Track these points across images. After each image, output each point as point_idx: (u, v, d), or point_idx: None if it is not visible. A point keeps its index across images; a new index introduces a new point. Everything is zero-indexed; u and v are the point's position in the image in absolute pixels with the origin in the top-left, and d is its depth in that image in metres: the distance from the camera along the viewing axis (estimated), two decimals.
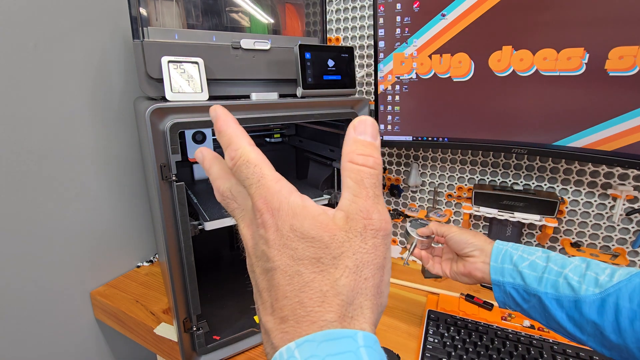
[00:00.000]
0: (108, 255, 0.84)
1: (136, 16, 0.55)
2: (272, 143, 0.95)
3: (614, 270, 0.41)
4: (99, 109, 0.77)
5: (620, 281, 0.39)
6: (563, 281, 0.43)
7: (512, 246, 0.50)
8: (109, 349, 0.87)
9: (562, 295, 0.42)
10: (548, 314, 0.44)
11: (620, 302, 0.38)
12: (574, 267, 0.44)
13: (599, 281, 0.40)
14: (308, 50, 0.62)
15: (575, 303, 0.41)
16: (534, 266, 0.46)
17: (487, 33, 0.68)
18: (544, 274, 0.45)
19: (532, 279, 0.45)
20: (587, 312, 0.40)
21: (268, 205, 0.19)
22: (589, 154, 0.66)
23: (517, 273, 0.47)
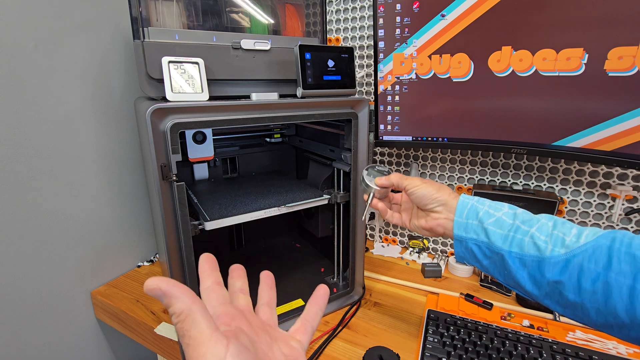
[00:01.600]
0: (109, 255, 0.85)
1: (136, 16, 0.55)
2: (272, 143, 0.95)
3: (580, 231, 0.41)
4: (99, 109, 0.77)
5: (587, 242, 0.39)
6: (529, 240, 0.42)
7: (478, 200, 0.49)
8: (110, 348, 0.87)
9: (526, 254, 0.42)
10: (508, 272, 0.43)
11: (584, 263, 0.38)
12: (541, 226, 0.43)
13: (566, 242, 0.40)
14: (308, 51, 0.62)
15: (538, 263, 0.41)
16: (501, 223, 0.45)
17: (487, 33, 0.69)
18: (510, 232, 0.43)
19: (498, 237, 0.44)
20: (548, 272, 0.40)
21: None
22: (588, 154, 0.66)
23: (482, 230, 0.45)
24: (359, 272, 0.78)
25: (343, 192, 0.72)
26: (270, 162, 0.97)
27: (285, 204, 0.67)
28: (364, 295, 0.79)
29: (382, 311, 0.74)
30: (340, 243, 0.79)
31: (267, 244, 1.02)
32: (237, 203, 0.68)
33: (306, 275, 0.85)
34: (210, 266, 0.32)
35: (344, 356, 0.63)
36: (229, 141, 0.91)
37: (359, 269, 0.77)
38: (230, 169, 0.92)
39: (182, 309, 0.21)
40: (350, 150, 0.68)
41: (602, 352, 0.59)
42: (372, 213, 1.03)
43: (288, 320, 0.70)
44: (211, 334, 0.21)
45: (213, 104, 0.54)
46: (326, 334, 0.67)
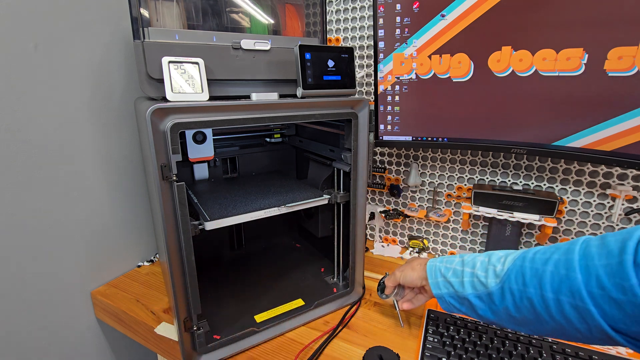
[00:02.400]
0: (109, 255, 0.85)
1: (137, 17, 0.55)
2: (272, 143, 0.95)
3: (506, 257, 0.47)
4: (99, 109, 0.77)
5: (509, 268, 0.45)
6: (476, 280, 0.49)
7: (439, 260, 0.57)
8: (110, 348, 0.87)
9: (479, 292, 0.48)
10: (476, 311, 0.49)
11: (512, 285, 0.44)
12: (480, 264, 0.50)
13: (496, 272, 0.47)
14: (308, 51, 0.62)
15: (489, 296, 0.47)
16: (455, 273, 0.53)
17: (487, 33, 0.69)
18: (463, 278, 0.51)
19: (458, 285, 0.51)
20: (497, 301, 0.46)
21: None
22: (588, 154, 0.66)
23: (447, 283, 0.53)
24: (359, 272, 0.78)
25: (343, 192, 0.72)
26: (270, 162, 0.97)
27: (285, 204, 0.67)
28: (364, 295, 0.79)
29: (382, 311, 0.75)
30: (340, 243, 0.79)
31: (267, 244, 1.02)
32: (237, 203, 0.68)
33: (306, 275, 0.86)
34: None
35: (344, 356, 0.63)
36: (229, 141, 0.91)
37: (359, 269, 0.77)
38: (230, 169, 0.92)
39: None
40: (350, 150, 0.68)
41: (602, 352, 0.59)
42: (371, 213, 1.03)
43: (288, 320, 0.70)
44: None
45: (213, 104, 0.54)
46: (326, 334, 0.68)
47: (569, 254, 0.40)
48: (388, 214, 0.99)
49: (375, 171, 1.02)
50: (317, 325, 0.71)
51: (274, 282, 0.82)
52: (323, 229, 0.88)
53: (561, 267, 0.40)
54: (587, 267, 0.38)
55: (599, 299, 0.36)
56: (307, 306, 0.72)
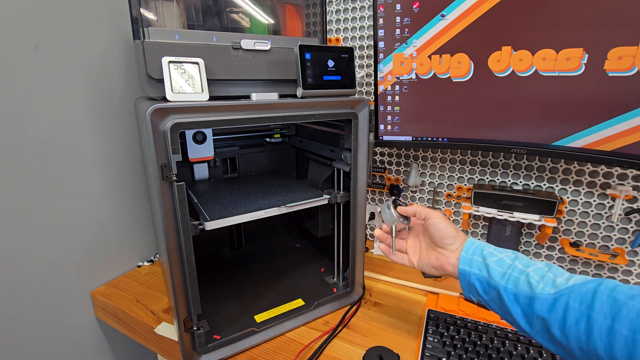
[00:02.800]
0: (109, 255, 0.85)
1: (137, 17, 0.55)
2: (272, 143, 0.95)
3: (571, 276, 0.43)
4: (99, 109, 0.77)
5: (575, 284, 0.41)
6: (524, 279, 0.45)
7: (485, 243, 0.52)
8: (110, 348, 0.87)
9: (519, 291, 0.44)
10: (505, 307, 0.46)
11: (570, 302, 0.40)
12: (537, 269, 0.46)
13: (556, 282, 0.43)
14: (308, 51, 0.62)
15: (530, 300, 0.43)
16: (501, 262, 0.48)
17: (487, 33, 0.69)
18: (508, 270, 0.47)
19: (497, 273, 0.47)
20: (538, 309, 0.42)
21: None
22: (588, 154, 0.66)
23: (484, 266, 0.49)
24: (359, 272, 0.78)
25: (343, 192, 0.72)
26: (270, 162, 0.97)
27: (285, 204, 0.67)
28: (364, 295, 0.79)
29: (382, 311, 0.75)
30: (340, 243, 0.79)
31: (267, 244, 1.02)
32: (237, 203, 0.68)
33: (306, 275, 0.86)
34: None
35: (344, 356, 0.63)
36: (229, 141, 0.91)
37: (359, 269, 0.77)
38: (230, 169, 0.92)
39: None
40: (350, 150, 0.68)
41: None
42: (371, 213, 1.03)
43: (288, 320, 0.70)
44: None
45: (213, 104, 0.54)
46: (326, 334, 0.68)
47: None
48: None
49: (375, 171, 1.02)
50: (317, 325, 0.71)
51: (274, 282, 0.82)
52: (323, 229, 0.88)
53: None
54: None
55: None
56: (307, 306, 0.72)
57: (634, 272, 0.76)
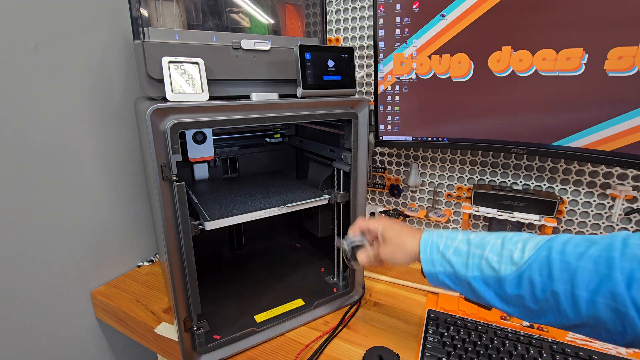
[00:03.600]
0: (109, 255, 0.85)
1: (137, 17, 0.55)
2: (272, 143, 0.95)
3: (525, 244, 0.44)
4: (99, 109, 0.77)
5: (530, 256, 0.42)
6: (485, 263, 0.45)
7: (437, 235, 0.52)
8: (110, 348, 0.87)
9: (486, 276, 0.45)
10: (478, 294, 0.47)
11: (533, 276, 0.41)
12: (492, 247, 0.46)
13: (514, 259, 0.43)
14: (308, 51, 0.62)
15: (499, 282, 0.44)
16: (459, 252, 0.48)
17: (487, 33, 0.69)
18: (469, 259, 0.47)
19: (460, 265, 0.47)
20: (508, 289, 0.43)
21: None
22: (588, 154, 0.66)
23: (446, 261, 0.49)
24: (359, 272, 0.78)
25: (343, 192, 0.72)
26: (270, 162, 0.97)
27: (285, 204, 0.67)
28: (364, 295, 0.79)
29: (382, 311, 0.75)
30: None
31: (267, 244, 1.02)
32: (237, 203, 0.68)
33: (306, 275, 0.86)
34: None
35: (344, 356, 0.63)
36: (229, 141, 0.91)
37: (359, 269, 0.77)
38: (230, 169, 0.92)
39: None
40: (350, 150, 0.68)
41: (601, 352, 0.59)
42: (371, 213, 1.03)
43: (288, 321, 0.70)
44: None
45: (213, 104, 0.54)
46: (326, 334, 0.68)
47: (610, 250, 0.37)
48: (388, 214, 0.99)
49: (375, 171, 1.02)
50: (317, 325, 0.71)
51: (274, 282, 0.82)
52: (323, 229, 0.88)
53: (602, 266, 0.37)
54: (631, 270, 0.35)
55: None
56: (307, 306, 0.72)
57: None
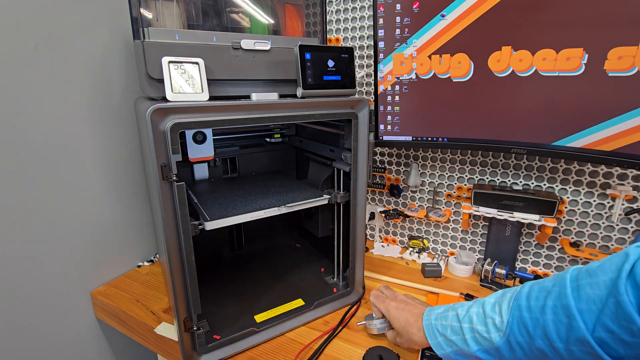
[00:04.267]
0: (109, 255, 0.85)
1: (137, 17, 0.55)
2: (272, 143, 0.95)
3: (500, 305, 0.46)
4: (99, 109, 0.77)
5: (508, 320, 0.44)
6: (478, 335, 0.47)
7: (434, 317, 0.54)
8: (110, 348, 0.87)
9: (485, 347, 0.46)
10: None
11: (517, 339, 0.43)
12: (477, 317, 0.48)
13: (496, 325, 0.45)
14: (308, 51, 0.62)
15: (497, 350, 0.45)
16: (455, 330, 0.50)
17: (487, 33, 0.69)
18: (464, 335, 0.49)
19: (461, 343, 0.49)
20: (507, 354, 0.44)
21: None
22: (588, 154, 0.66)
23: (449, 342, 0.51)
24: (359, 272, 0.78)
25: (343, 192, 0.72)
26: (270, 162, 0.97)
27: (285, 204, 0.67)
28: (364, 295, 0.79)
29: None
30: (340, 243, 0.79)
31: (267, 244, 1.02)
32: (237, 203, 0.68)
33: (306, 275, 0.86)
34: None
35: (344, 356, 0.63)
36: (229, 141, 0.91)
37: (359, 269, 0.77)
38: (230, 169, 0.92)
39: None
40: (350, 150, 0.68)
41: None
42: (371, 213, 1.03)
43: (288, 320, 0.70)
44: None
45: (213, 104, 0.54)
46: (326, 334, 0.68)
47: (562, 299, 0.39)
48: (388, 214, 0.99)
49: (375, 171, 1.02)
50: (317, 325, 0.71)
51: (274, 282, 0.82)
52: (323, 229, 0.88)
53: (561, 315, 0.38)
54: (588, 311, 0.36)
55: (609, 343, 0.35)
56: (307, 306, 0.72)
57: None
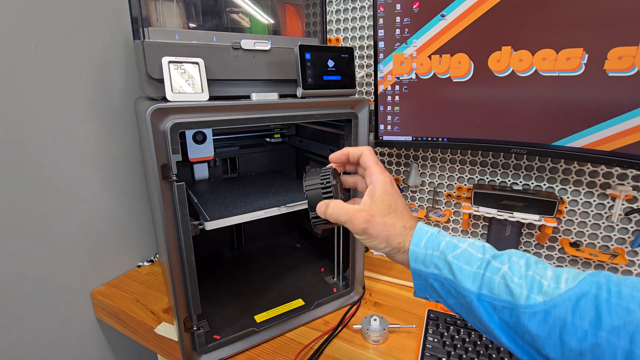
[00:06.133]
0: (109, 255, 0.85)
1: (137, 17, 0.55)
2: (272, 143, 0.95)
3: (558, 274, 0.33)
4: (99, 109, 0.77)
5: (569, 289, 0.31)
6: (500, 280, 0.34)
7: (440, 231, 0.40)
8: (110, 348, 0.87)
9: (497, 298, 0.34)
10: (477, 316, 0.35)
11: (568, 317, 0.30)
12: (513, 264, 0.35)
13: (543, 287, 0.32)
14: (308, 51, 0.62)
15: (511, 310, 0.33)
16: (468, 257, 0.36)
17: (487, 33, 0.69)
18: (480, 269, 0.35)
19: (466, 275, 0.35)
20: (525, 322, 0.32)
21: None
22: (588, 154, 0.66)
23: (446, 264, 0.37)
24: (359, 272, 0.78)
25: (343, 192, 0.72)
26: (270, 162, 0.97)
27: (285, 204, 0.67)
28: (364, 295, 0.79)
29: (382, 311, 0.74)
30: (340, 243, 0.79)
31: (267, 244, 1.02)
32: (237, 203, 0.68)
33: (306, 275, 0.86)
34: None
35: (344, 356, 0.63)
36: (229, 141, 0.91)
37: (359, 269, 0.77)
38: (230, 169, 0.92)
39: None
40: None
41: None
42: None
43: (288, 320, 0.70)
44: None
45: (213, 104, 0.54)
46: (326, 334, 0.68)
47: None
48: None
49: None
50: (317, 325, 0.71)
51: (274, 282, 0.82)
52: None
53: None
54: None
55: None
56: (307, 306, 0.72)
57: (634, 272, 0.76)
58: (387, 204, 0.40)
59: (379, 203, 0.40)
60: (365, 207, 0.40)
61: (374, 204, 0.40)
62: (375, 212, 0.40)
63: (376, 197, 0.41)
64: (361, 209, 0.40)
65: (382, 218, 0.40)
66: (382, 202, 0.40)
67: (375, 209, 0.40)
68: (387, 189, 0.41)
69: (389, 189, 0.41)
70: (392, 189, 0.42)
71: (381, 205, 0.40)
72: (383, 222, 0.40)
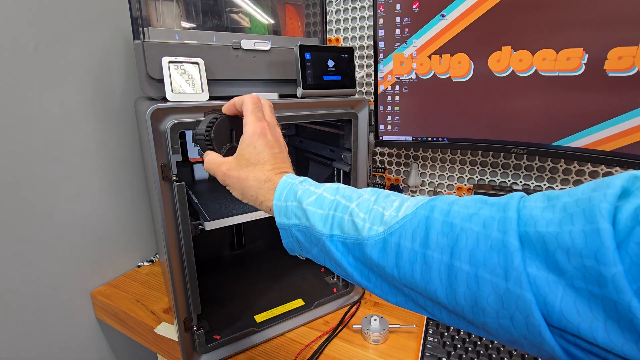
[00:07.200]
0: (109, 255, 0.85)
1: (137, 17, 0.55)
2: None
3: (402, 202, 0.32)
4: (99, 109, 0.77)
5: (406, 215, 0.30)
6: (348, 218, 0.33)
7: (303, 180, 0.39)
8: (110, 348, 0.87)
9: (347, 236, 0.33)
10: (335, 260, 0.35)
11: (402, 241, 0.29)
12: (362, 201, 0.34)
13: (384, 217, 0.31)
14: (308, 51, 0.62)
15: (358, 246, 0.32)
16: (321, 201, 0.36)
17: (487, 33, 0.69)
18: (331, 211, 0.35)
19: (318, 219, 0.35)
20: (369, 254, 0.31)
21: None
22: (588, 154, 0.66)
23: (302, 211, 0.36)
24: None
25: None
26: None
27: None
28: (364, 295, 0.79)
29: (382, 311, 0.74)
30: None
31: (267, 244, 1.02)
32: (237, 203, 0.68)
33: (306, 275, 0.86)
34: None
35: (344, 356, 0.63)
36: None
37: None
38: None
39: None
40: (350, 150, 0.68)
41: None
42: None
43: (288, 320, 0.70)
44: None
45: (213, 104, 0.54)
46: (326, 334, 0.68)
47: (506, 210, 0.26)
48: None
49: (375, 171, 1.02)
50: (317, 325, 0.71)
51: (274, 282, 0.82)
52: None
53: (493, 229, 0.25)
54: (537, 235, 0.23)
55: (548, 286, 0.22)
56: (307, 306, 0.72)
57: None
58: (247, 157, 0.40)
59: (239, 156, 0.41)
60: (227, 160, 0.41)
61: (235, 156, 0.41)
62: (233, 166, 0.41)
63: (239, 149, 0.41)
64: (222, 162, 0.41)
65: (238, 172, 0.40)
66: (242, 155, 0.40)
67: (234, 162, 0.41)
68: (252, 141, 0.40)
69: (254, 140, 0.40)
70: (258, 139, 0.40)
71: (240, 159, 0.40)
72: (237, 175, 0.40)
